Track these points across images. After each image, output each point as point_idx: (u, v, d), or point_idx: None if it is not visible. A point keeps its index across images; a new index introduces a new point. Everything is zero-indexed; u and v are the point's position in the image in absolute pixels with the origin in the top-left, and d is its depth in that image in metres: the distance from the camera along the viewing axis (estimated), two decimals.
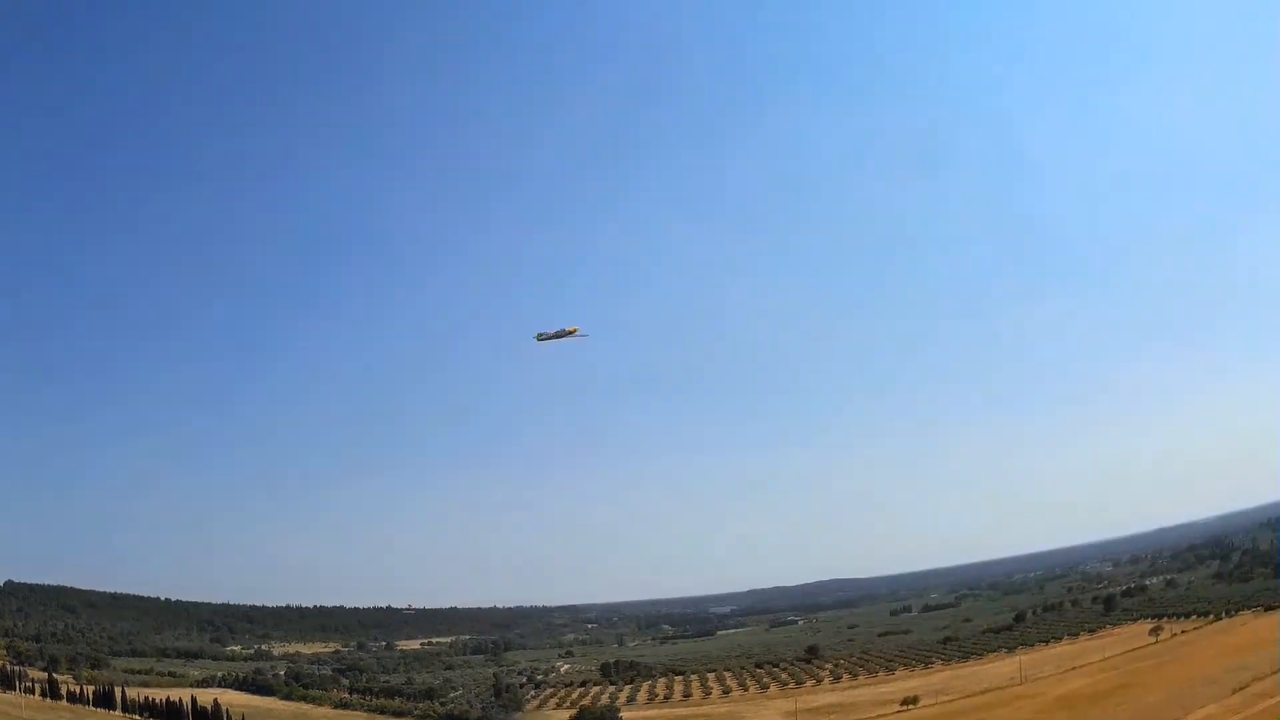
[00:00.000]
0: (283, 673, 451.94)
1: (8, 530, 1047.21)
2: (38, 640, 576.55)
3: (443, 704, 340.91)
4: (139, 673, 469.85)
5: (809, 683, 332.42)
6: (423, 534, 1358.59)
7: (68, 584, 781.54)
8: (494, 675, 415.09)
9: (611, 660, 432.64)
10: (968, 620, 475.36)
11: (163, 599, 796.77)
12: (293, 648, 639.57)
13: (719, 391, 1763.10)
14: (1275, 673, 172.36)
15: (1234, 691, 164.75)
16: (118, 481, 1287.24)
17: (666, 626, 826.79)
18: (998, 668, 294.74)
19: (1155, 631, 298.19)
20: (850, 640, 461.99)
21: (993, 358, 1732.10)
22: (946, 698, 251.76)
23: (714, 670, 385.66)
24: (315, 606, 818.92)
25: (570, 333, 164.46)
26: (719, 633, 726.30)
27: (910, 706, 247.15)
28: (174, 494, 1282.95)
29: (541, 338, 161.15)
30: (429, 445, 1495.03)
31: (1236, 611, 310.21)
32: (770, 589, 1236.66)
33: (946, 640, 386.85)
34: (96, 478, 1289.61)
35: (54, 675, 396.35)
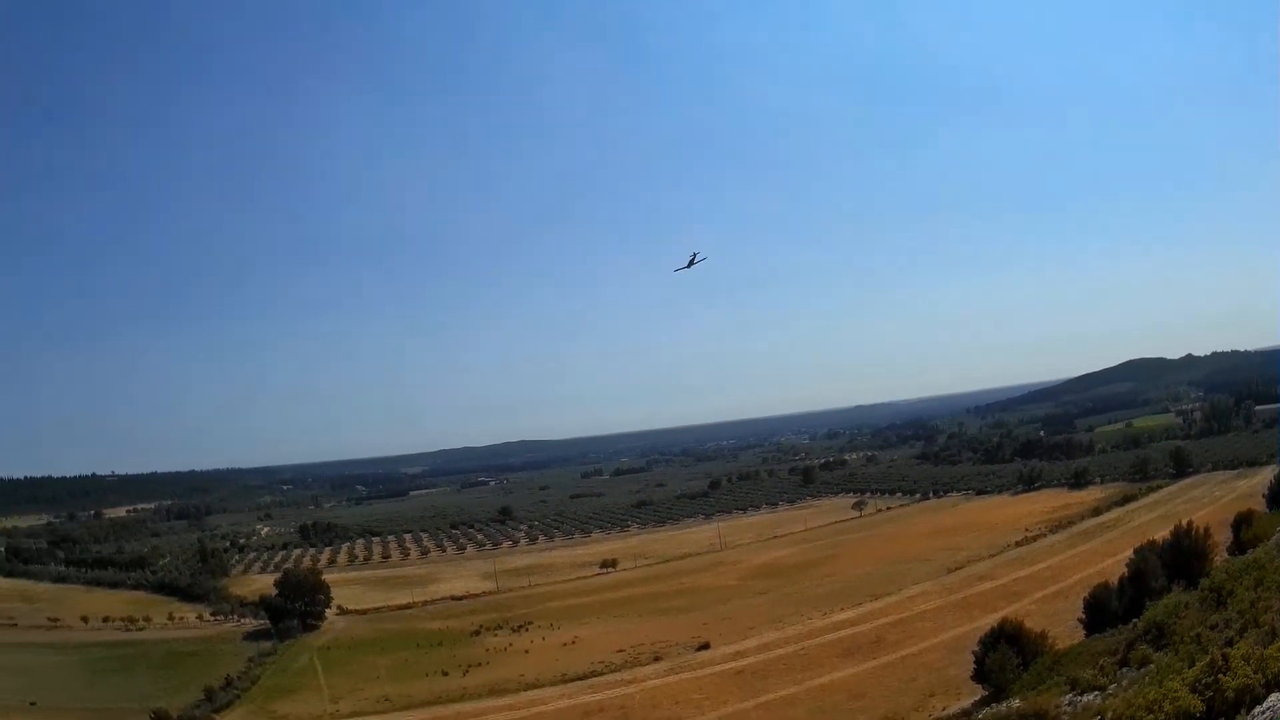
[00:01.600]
0: (3, 549, 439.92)
1: None
2: None
3: (154, 572, 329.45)
4: None
5: (505, 544, 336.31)
6: (120, 397, 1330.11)
7: None
8: (199, 540, 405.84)
9: (309, 522, 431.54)
10: (661, 485, 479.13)
11: None
12: (8, 521, 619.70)
13: (390, 258, 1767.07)
14: (991, 557, 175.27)
15: (949, 571, 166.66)
16: None
17: (360, 487, 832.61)
18: (695, 534, 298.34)
19: (858, 506, 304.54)
20: (543, 502, 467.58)
21: (698, 232, 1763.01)
22: (646, 561, 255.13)
23: (410, 531, 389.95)
24: (25, 477, 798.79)
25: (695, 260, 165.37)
26: (411, 493, 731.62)
27: (609, 569, 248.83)
28: None
29: (678, 270, 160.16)
30: (116, 304, 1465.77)
31: (945, 493, 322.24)
32: (459, 449, 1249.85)
33: (641, 504, 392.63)
34: None
35: None
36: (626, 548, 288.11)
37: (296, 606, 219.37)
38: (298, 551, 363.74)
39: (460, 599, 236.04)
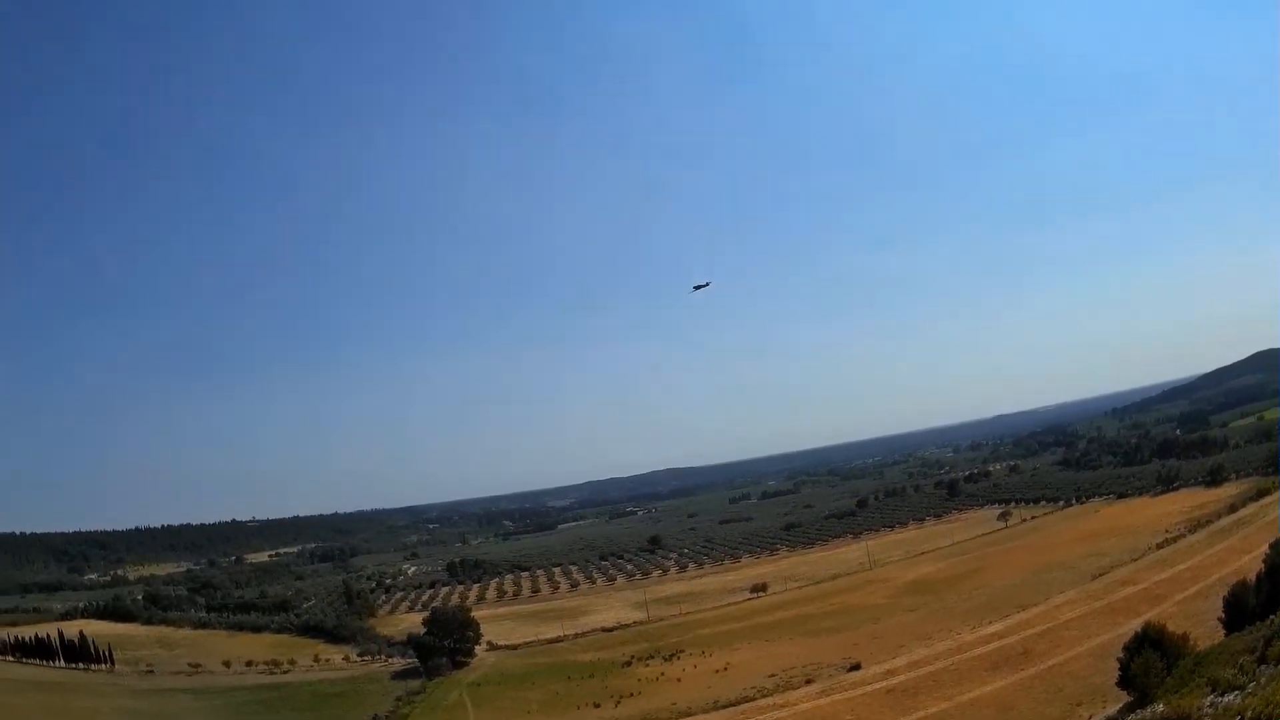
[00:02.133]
0: (140, 597, 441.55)
1: None
2: None
3: (298, 615, 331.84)
4: (4, 612, 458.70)
5: (655, 573, 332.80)
6: (260, 445, 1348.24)
7: None
8: (344, 582, 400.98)
9: (457, 560, 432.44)
10: (809, 506, 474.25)
11: (17, 533, 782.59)
12: (147, 570, 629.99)
13: (561, 290, 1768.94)
14: (1134, 560, 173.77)
15: (1093, 578, 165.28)
16: None
17: (507, 523, 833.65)
18: (844, 554, 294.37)
19: (1004, 517, 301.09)
20: (692, 529, 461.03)
21: (833, 247, 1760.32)
22: (796, 584, 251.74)
23: (559, 564, 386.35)
24: (163, 526, 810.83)
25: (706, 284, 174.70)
26: (560, 526, 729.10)
27: (760, 594, 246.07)
28: (10, 424, 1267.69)
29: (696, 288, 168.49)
30: (259, 356, 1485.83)
31: (1086, 498, 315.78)
32: (606, 480, 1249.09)
33: (789, 526, 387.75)
34: None
35: None
36: (776, 571, 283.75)
37: (445, 644, 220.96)
38: (446, 589, 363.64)
39: (611, 630, 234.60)
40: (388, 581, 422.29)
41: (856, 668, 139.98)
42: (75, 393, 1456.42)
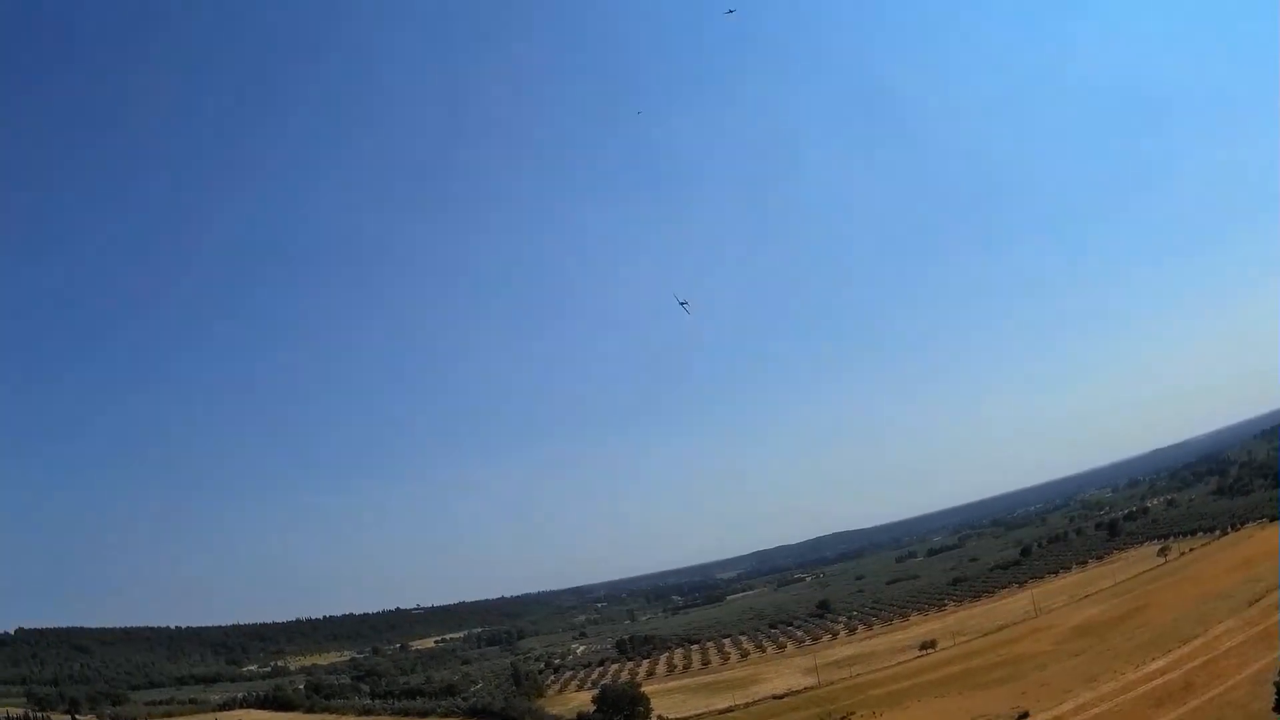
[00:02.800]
0: (302, 686, 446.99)
1: (12, 579, 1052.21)
2: (55, 684, 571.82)
3: (465, 699, 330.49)
4: (160, 703, 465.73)
5: (825, 638, 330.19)
6: (423, 534, 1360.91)
7: (78, 624, 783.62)
8: (511, 664, 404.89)
9: (625, 636, 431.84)
10: (974, 559, 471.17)
11: (173, 628, 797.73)
12: (308, 659, 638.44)
13: (695, 369, 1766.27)
14: None
15: (1249, 604, 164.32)
16: (114, 518, 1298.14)
17: (675, 597, 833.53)
18: (1010, 603, 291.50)
19: (1163, 552, 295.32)
20: (860, 591, 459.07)
21: (975, 298, 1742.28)
22: (964, 638, 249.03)
23: (729, 635, 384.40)
24: (325, 617, 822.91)
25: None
26: (728, 598, 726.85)
27: (929, 650, 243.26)
28: (169, 523, 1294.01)
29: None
30: (412, 445, 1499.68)
31: (1240, 525, 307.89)
32: (773, 549, 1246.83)
33: (956, 581, 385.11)
34: (92, 520, 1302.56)
35: (76, 717, 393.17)
36: (944, 626, 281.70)
37: (616, 719, 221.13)
38: (615, 666, 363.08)
39: (782, 696, 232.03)
40: (556, 661, 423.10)
41: (1025, 716, 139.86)
42: (234, 489, 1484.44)
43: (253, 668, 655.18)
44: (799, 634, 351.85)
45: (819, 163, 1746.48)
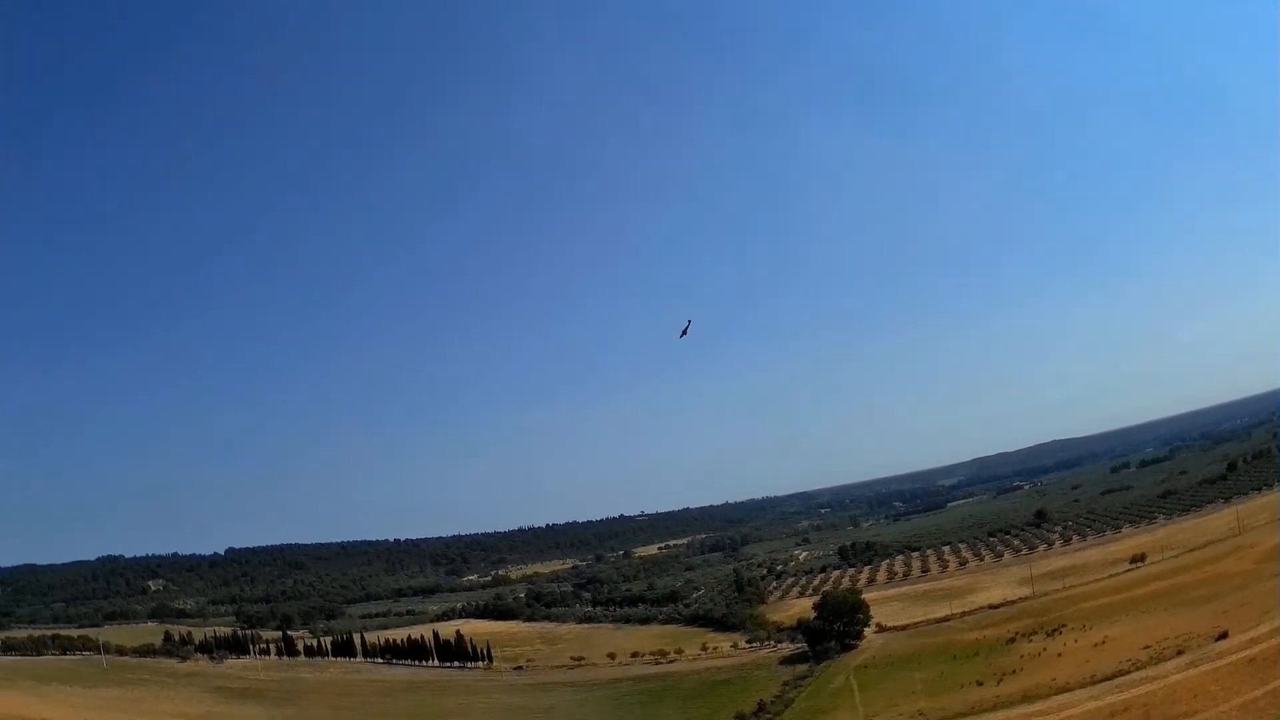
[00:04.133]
0: (523, 595, 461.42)
1: (225, 501, 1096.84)
2: (267, 601, 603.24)
3: (686, 606, 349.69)
4: (376, 616, 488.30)
5: (1040, 547, 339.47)
6: (647, 441, 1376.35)
7: (291, 541, 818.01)
8: (734, 571, 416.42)
9: (848, 543, 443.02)
10: (1183, 473, 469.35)
11: (391, 540, 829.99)
12: (530, 569, 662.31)
13: (929, 272, 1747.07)
14: None
15: None
16: (338, 436, 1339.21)
17: (897, 504, 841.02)
18: (1216, 520, 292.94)
19: None
20: (1075, 501, 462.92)
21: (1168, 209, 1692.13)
22: (1172, 553, 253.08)
23: (948, 543, 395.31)
24: (547, 525, 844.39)
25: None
26: (949, 505, 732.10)
27: (1138, 565, 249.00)
28: (387, 441, 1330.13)
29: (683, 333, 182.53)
30: (640, 356, 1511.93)
31: None
32: (993, 456, 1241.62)
33: (1165, 494, 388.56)
34: (312, 436, 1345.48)
35: (288, 633, 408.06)
36: (1153, 540, 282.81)
37: (835, 628, 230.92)
38: (836, 573, 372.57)
39: (997, 607, 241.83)
40: (779, 568, 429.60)
41: (1224, 636, 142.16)
42: (465, 403, 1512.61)
43: (473, 578, 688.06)
44: (1015, 543, 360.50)
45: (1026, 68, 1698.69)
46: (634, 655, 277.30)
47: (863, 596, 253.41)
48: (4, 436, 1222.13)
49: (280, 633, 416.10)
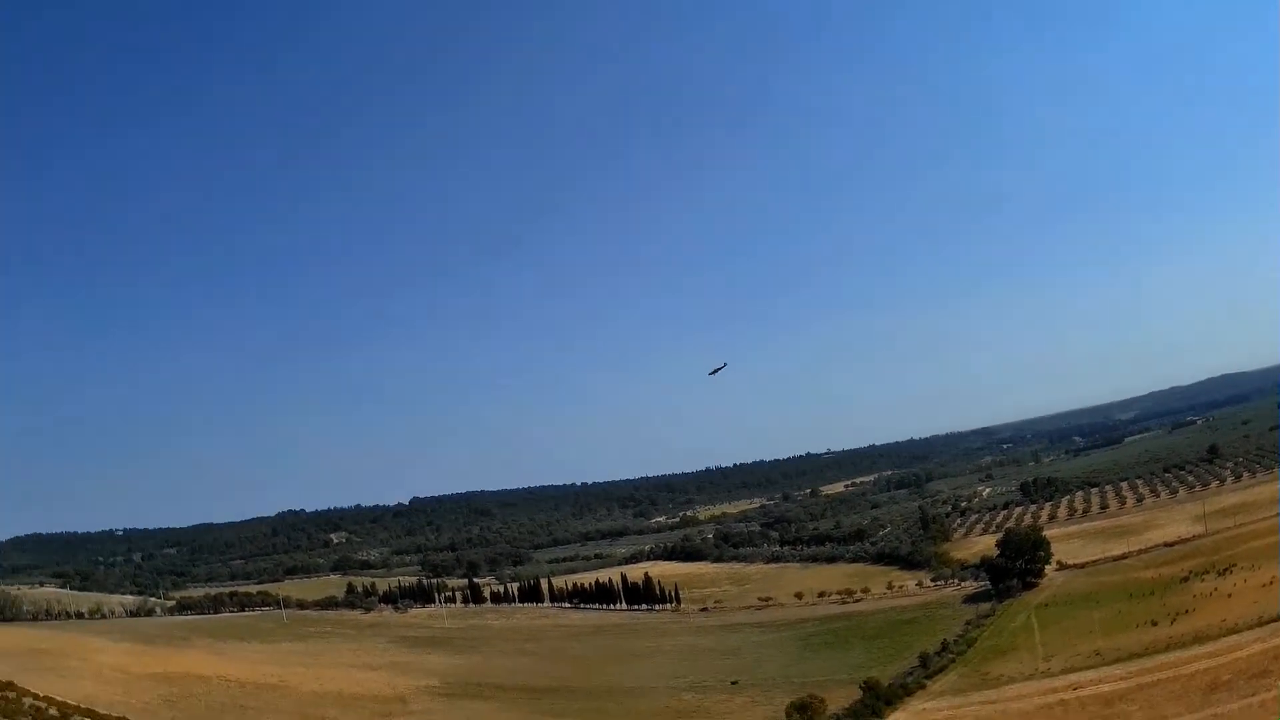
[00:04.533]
0: (711, 535, 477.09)
1: (410, 450, 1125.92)
2: (453, 549, 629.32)
3: (873, 544, 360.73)
4: (563, 560, 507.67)
5: (1213, 484, 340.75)
6: (830, 377, 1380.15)
7: (476, 489, 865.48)
8: (919, 508, 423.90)
9: (1029, 479, 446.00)
10: None
11: (578, 484, 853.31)
12: (718, 509, 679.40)
13: (1109, 206, 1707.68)
14: None
15: None
16: (522, 382, 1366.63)
17: (1077, 438, 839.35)
18: None
19: None
20: (1245, 437, 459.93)
21: None
22: None
23: (1125, 479, 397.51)
24: (735, 465, 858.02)
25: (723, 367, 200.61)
26: (1126, 440, 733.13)
27: None
28: (576, 383, 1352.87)
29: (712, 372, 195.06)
30: (828, 284, 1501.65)
31: None
32: (1166, 390, 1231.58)
33: None
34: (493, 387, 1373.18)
35: (474, 580, 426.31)
36: None
37: (1016, 565, 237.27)
38: (1019, 509, 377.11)
39: (1172, 545, 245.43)
40: (962, 504, 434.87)
41: None
42: (649, 342, 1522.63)
43: (661, 520, 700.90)
44: (1190, 479, 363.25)
45: None
46: (821, 595, 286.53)
47: (1044, 533, 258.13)
48: (184, 402, 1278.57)
49: (466, 580, 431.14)
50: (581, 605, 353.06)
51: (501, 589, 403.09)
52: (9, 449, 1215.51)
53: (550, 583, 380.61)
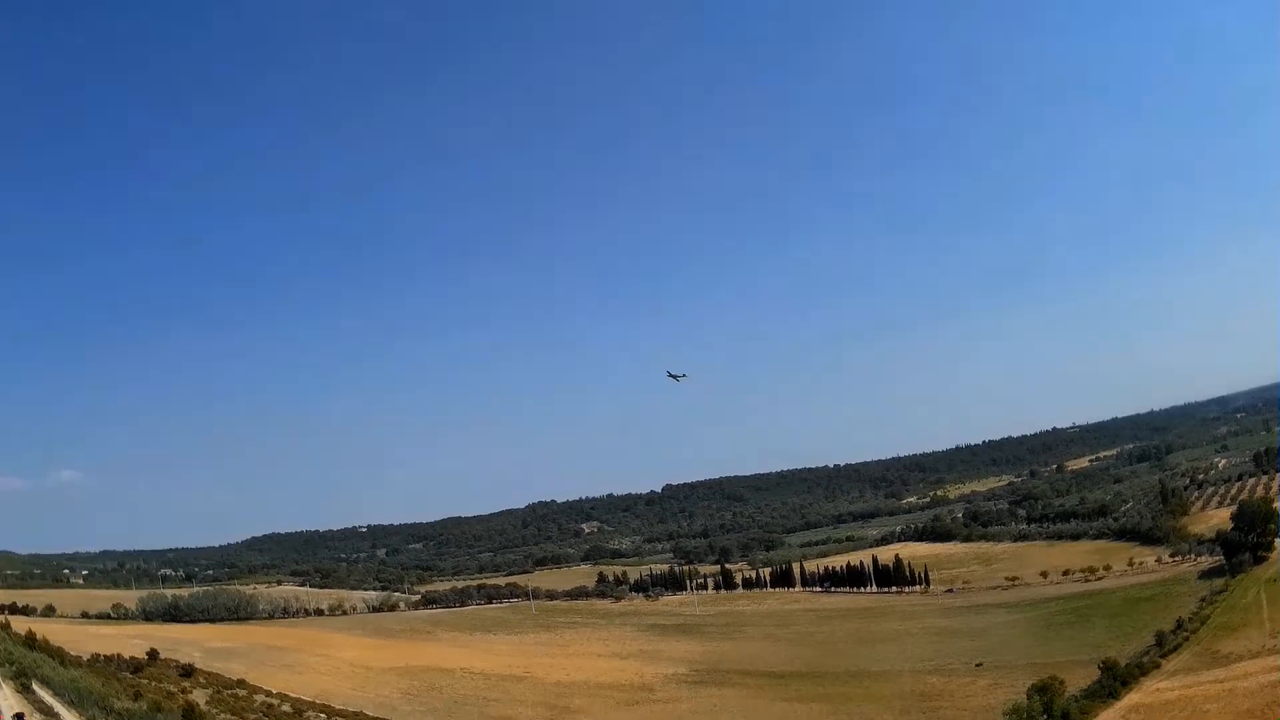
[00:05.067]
0: (960, 514, 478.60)
1: (662, 438, 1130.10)
2: (705, 535, 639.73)
3: (1115, 519, 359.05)
4: (815, 544, 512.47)
5: None
6: (1079, 348, 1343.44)
7: (729, 474, 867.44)
8: (1159, 482, 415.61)
9: (1262, 449, 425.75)
10: None
11: (831, 466, 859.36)
12: (967, 487, 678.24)
13: None
14: None
15: None
16: (772, 363, 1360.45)
17: None
18: None
19: None
20: None
21: None
22: None
23: None
24: (984, 442, 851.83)
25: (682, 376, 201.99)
26: None
27: None
28: (825, 363, 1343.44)
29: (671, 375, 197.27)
30: (1071, 254, 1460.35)
31: None
32: None
33: None
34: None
35: (725, 565, 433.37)
36: None
37: (1249, 539, 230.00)
38: (1251, 480, 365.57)
39: None
40: (1200, 477, 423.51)
41: None
42: (892, 318, 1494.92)
43: (912, 500, 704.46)
44: None
45: None
46: (1065, 573, 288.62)
47: (1275, 505, 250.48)
48: (433, 400, 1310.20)
49: (718, 566, 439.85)
50: (832, 589, 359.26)
51: (753, 574, 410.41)
52: (249, 450, 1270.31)
53: (802, 566, 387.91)
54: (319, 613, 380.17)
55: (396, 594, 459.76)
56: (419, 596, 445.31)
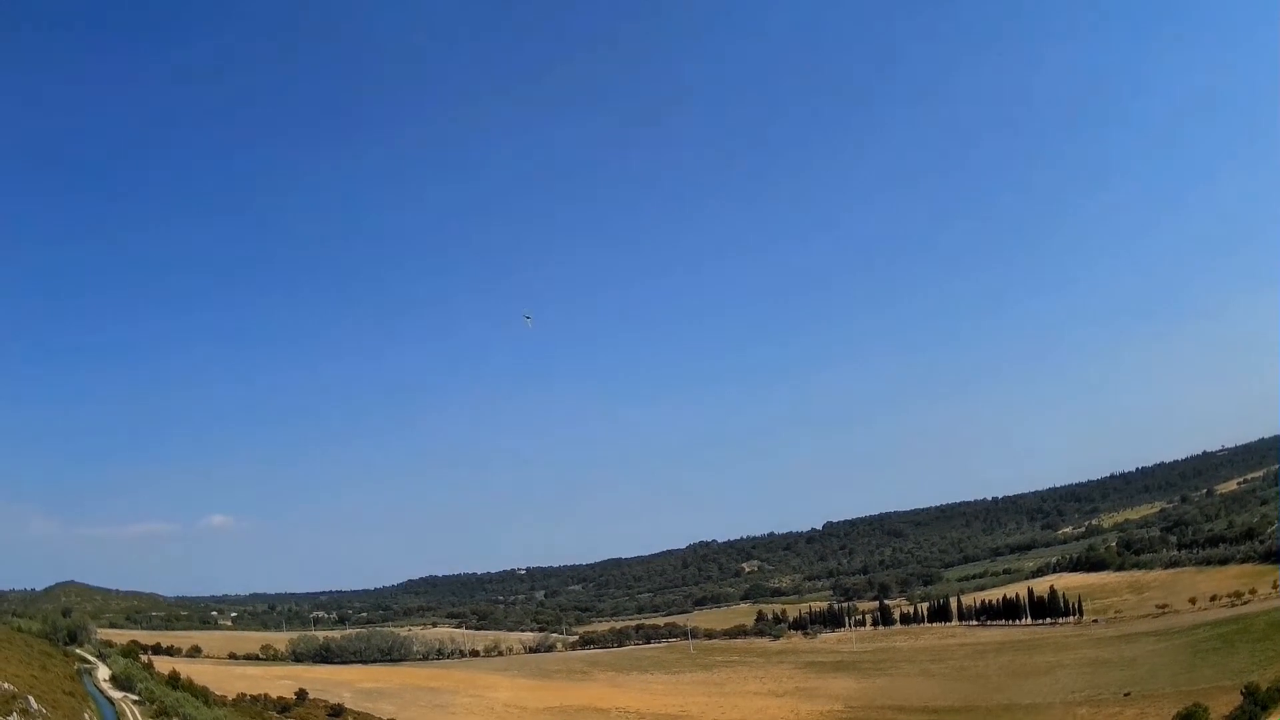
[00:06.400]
0: (1114, 543, 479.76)
1: (824, 475, 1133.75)
2: (864, 572, 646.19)
3: (1261, 541, 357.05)
4: (973, 578, 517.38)
5: None
6: (1223, 370, 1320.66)
7: (889, 510, 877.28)
8: None
9: None
10: None
11: (989, 499, 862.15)
12: (1121, 515, 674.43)
13: None
14: None
15: None
16: (924, 397, 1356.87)
17: None
18: None
19: None
20: None
21: None
22: None
23: None
24: (1137, 469, 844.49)
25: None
26: None
27: None
28: (981, 393, 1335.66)
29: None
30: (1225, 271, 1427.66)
31: None
32: None
33: None
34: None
35: (884, 602, 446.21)
36: None
37: None
38: None
39: None
40: None
41: None
42: (1048, 346, 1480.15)
43: (1067, 530, 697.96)
44: None
45: None
46: (1211, 599, 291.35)
47: None
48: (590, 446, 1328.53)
49: (877, 602, 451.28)
50: (988, 622, 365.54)
51: (911, 609, 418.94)
52: (408, 499, 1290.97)
53: (960, 600, 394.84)
54: (474, 654, 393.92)
55: (554, 635, 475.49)
56: (576, 637, 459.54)
